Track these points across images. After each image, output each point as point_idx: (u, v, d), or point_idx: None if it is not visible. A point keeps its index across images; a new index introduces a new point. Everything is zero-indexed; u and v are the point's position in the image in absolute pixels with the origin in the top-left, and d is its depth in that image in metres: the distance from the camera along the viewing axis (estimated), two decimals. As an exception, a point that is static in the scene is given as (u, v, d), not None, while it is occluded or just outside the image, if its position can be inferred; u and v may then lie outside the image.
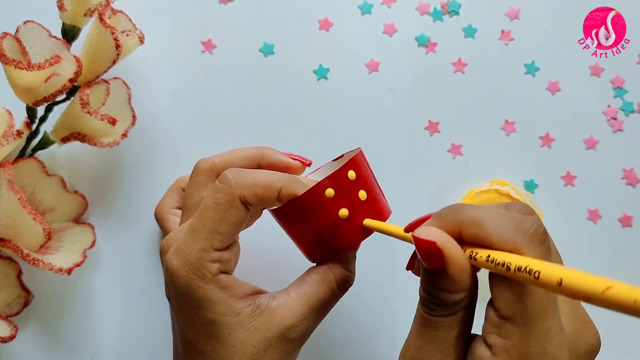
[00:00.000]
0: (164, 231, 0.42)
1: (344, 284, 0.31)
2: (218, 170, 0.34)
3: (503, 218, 0.23)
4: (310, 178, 0.35)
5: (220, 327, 0.29)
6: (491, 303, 0.24)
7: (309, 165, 0.36)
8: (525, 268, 0.21)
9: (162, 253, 0.31)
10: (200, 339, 0.29)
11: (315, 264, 0.33)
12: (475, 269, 0.24)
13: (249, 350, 0.29)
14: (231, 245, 0.30)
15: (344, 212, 0.30)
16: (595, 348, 0.26)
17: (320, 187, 0.30)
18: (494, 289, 0.24)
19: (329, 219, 0.30)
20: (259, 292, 0.31)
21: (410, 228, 0.27)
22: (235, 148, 0.36)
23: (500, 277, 0.23)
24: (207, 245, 0.28)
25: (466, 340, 0.25)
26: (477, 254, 0.23)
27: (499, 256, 0.22)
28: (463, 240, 0.24)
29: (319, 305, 0.30)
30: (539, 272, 0.20)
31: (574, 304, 0.26)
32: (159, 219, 0.42)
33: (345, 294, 0.32)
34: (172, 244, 0.30)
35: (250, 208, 0.29)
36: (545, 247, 0.23)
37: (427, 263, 0.24)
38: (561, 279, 0.19)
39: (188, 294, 0.28)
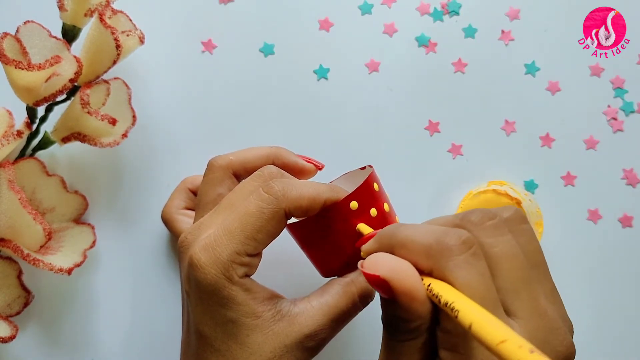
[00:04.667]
0: (174, 232, 0.41)
1: (365, 298, 0.31)
2: (234, 168, 0.34)
3: (425, 234, 0.23)
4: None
5: (240, 327, 0.29)
6: (437, 321, 0.24)
7: (321, 169, 0.36)
8: (450, 305, 0.21)
9: (183, 248, 0.31)
10: (218, 337, 0.29)
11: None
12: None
13: (264, 353, 0.29)
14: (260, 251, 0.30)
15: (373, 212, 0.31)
16: (565, 355, 0.23)
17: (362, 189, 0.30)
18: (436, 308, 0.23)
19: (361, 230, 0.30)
20: (277, 297, 0.31)
21: (360, 243, 0.28)
22: (250, 147, 0.36)
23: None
24: (241, 250, 0.29)
25: None
26: (429, 284, 0.22)
27: (436, 286, 0.22)
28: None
29: (339, 317, 0.30)
30: (458, 312, 0.20)
31: (540, 312, 0.23)
32: (167, 221, 0.42)
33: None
34: (192, 240, 0.30)
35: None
36: (467, 256, 0.22)
37: (381, 293, 0.24)
38: (471, 324, 0.19)
39: (213, 291, 0.29)
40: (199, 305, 0.30)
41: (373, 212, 0.31)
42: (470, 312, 0.20)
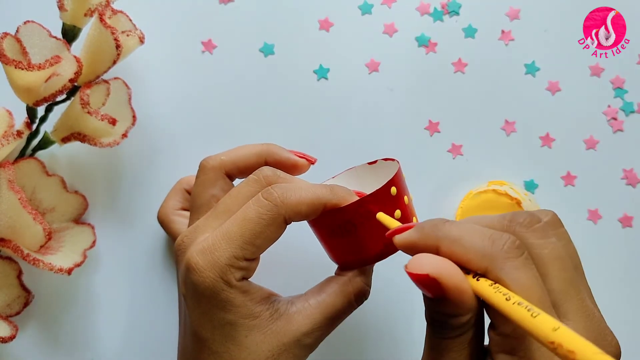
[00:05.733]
0: (170, 233, 0.41)
1: (361, 297, 0.32)
2: (226, 168, 0.34)
3: (479, 235, 0.24)
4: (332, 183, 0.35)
5: (238, 328, 0.29)
6: (491, 324, 0.24)
7: (313, 163, 0.36)
8: (526, 305, 0.21)
9: (180, 251, 0.31)
10: (216, 339, 0.29)
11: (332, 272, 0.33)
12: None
13: (263, 353, 0.29)
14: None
15: (398, 214, 0.30)
16: (615, 355, 0.25)
17: (385, 188, 0.30)
18: (490, 311, 0.24)
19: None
20: (273, 295, 0.31)
21: (392, 234, 0.27)
22: (241, 145, 0.36)
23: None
24: (240, 254, 0.29)
25: (479, 356, 0.26)
26: (480, 277, 0.23)
27: (499, 287, 0.22)
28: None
29: (335, 316, 0.31)
30: (538, 314, 0.20)
31: (588, 313, 0.25)
32: (163, 222, 0.42)
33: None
34: (189, 243, 0.30)
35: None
36: (522, 260, 0.23)
37: (428, 293, 0.24)
38: (559, 327, 0.19)
39: (211, 294, 0.29)
40: (196, 309, 0.30)
41: (406, 199, 0.31)
42: (551, 320, 0.20)
